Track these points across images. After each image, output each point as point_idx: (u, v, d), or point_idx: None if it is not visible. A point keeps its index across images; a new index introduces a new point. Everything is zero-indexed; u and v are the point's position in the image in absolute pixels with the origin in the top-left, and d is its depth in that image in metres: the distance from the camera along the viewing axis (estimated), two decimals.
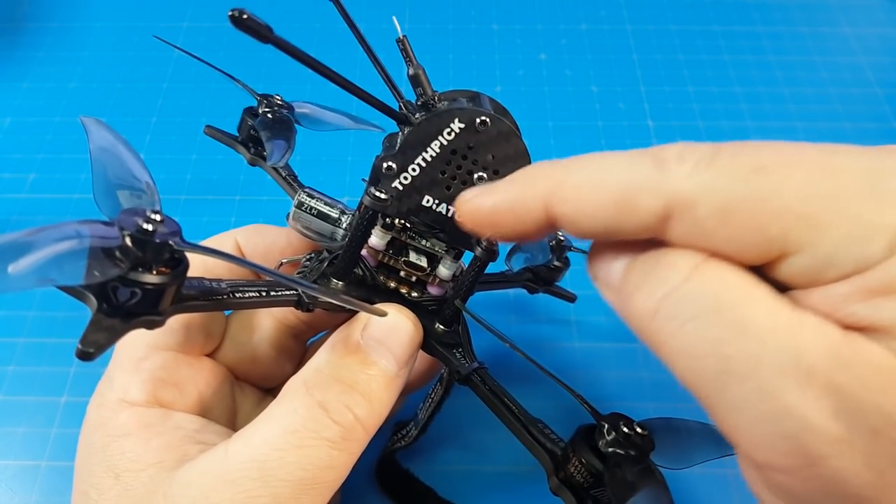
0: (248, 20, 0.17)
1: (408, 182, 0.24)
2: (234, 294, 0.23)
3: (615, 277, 0.22)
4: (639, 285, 0.20)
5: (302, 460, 0.23)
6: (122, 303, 0.19)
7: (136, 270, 0.19)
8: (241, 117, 0.34)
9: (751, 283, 0.18)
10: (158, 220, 0.19)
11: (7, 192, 0.51)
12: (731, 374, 0.18)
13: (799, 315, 0.18)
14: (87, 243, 0.18)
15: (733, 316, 0.18)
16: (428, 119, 0.23)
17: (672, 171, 0.19)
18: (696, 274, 0.19)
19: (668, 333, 0.19)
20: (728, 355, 0.18)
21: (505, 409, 0.28)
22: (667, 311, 0.19)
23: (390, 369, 0.26)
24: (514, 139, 0.24)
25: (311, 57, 0.20)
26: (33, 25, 0.63)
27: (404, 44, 0.24)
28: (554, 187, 0.21)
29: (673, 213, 0.19)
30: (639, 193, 0.19)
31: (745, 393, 0.18)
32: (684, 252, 0.19)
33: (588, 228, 0.20)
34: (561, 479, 0.26)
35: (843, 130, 0.56)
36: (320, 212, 0.29)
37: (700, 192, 0.18)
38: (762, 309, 0.18)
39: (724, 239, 0.19)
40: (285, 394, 0.25)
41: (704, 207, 0.18)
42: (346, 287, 0.28)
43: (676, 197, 0.19)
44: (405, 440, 0.35)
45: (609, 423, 0.26)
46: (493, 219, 0.22)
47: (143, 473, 0.24)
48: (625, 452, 0.25)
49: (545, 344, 0.44)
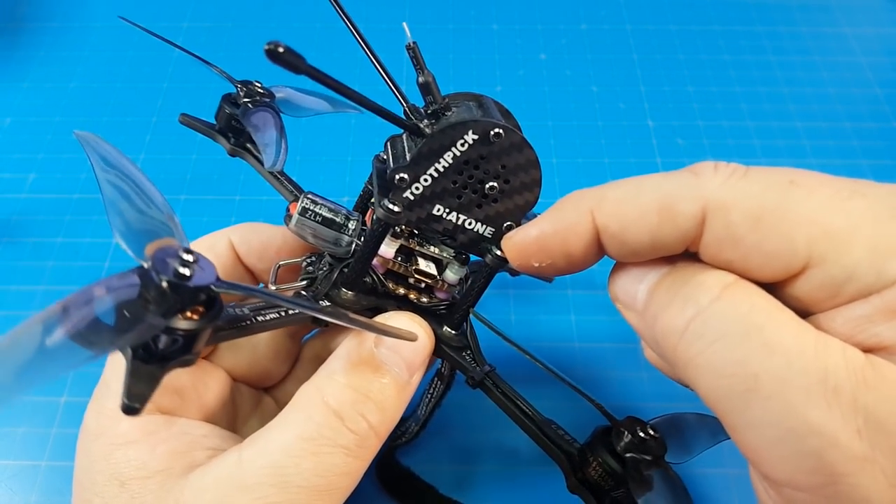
0: (285, 53, 0.17)
1: (419, 192, 0.24)
2: (256, 318, 0.24)
3: (639, 299, 0.22)
4: (666, 305, 0.21)
5: (318, 467, 0.24)
6: (161, 350, 0.19)
7: (174, 316, 0.18)
8: (218, 104, 0.33)
9: (777, 306, 0.19)
10: (192, 260, 0.19)
11: (7, 192, 0.51)
12: (757, 392, 0.18)
13: (824, 338, 0.18)
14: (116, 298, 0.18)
15: (762, 337, 0.18)
16: (442, 131, 0.23)
17: (709, 178, 0.20)
18: (726, 294, 0.19)
19: (695, 351, 0.20)
20: (755, 374, 0.18)
21: (518, 411, 0.28)
22: (695, 330, 0.20)
23: (403, 377, 0.26)
24: (525, 149, 0.24)
25: (343, 84, 0.19)
26: (33, 25, 0.63)
27: (415, 51, 0.24)
28: (596, 203, 0.22)
29: (708, 215, 0.20)
30: (678, 199, 0.20)
31: (769, 410, 0.18)
32: (714, 272, 0.20)
33: (633, 239, 0.21)
34: (579, 479, 0.27)
35: (843, 130, 0.56)
36: (325, 218, 0.29)
37: (734, 197, 0.20)
38: (789, 331, 0.18)
39: (752, 245, 0.19)
40: (299, 400, 0.25)
41: (738, 212, 0.19)
42: (357, 296, 0.28)
43: (713, 200, 0.20)
44: (406, 436, 0.35)
45: (626, 427, 0.27)
46: (540, 244, 0.23)
47: (151, 481, 0.24)
48: (641, 457, 0.26)
49: (545, 344, 0.44)
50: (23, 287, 0.46)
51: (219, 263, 0.31)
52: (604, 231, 0.22)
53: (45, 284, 0.46)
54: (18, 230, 0.49)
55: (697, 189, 0.20)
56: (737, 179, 0.20)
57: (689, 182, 0.20)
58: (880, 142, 0.55)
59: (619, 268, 0.24)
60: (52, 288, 0.46)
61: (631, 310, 0.23)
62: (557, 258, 0.23)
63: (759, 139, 0.55)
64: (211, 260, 0.31)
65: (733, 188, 0.20)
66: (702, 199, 0.20)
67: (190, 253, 0.19)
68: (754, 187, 0.20)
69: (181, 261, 0.19)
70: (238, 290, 0.20)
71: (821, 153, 0.54)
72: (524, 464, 0.39)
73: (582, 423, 0.29)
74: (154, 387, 0.19)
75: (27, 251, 0.48)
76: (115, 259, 0.47)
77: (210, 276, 0.19)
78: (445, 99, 0.25)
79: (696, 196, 0.20)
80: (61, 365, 0.17)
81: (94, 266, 0.47)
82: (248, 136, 0.33)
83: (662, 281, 0.22)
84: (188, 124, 0.34)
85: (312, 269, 0.30)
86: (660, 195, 0.21)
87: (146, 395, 0.18)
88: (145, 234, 0.20)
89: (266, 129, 0.31)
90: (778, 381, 0.18)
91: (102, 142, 0.23)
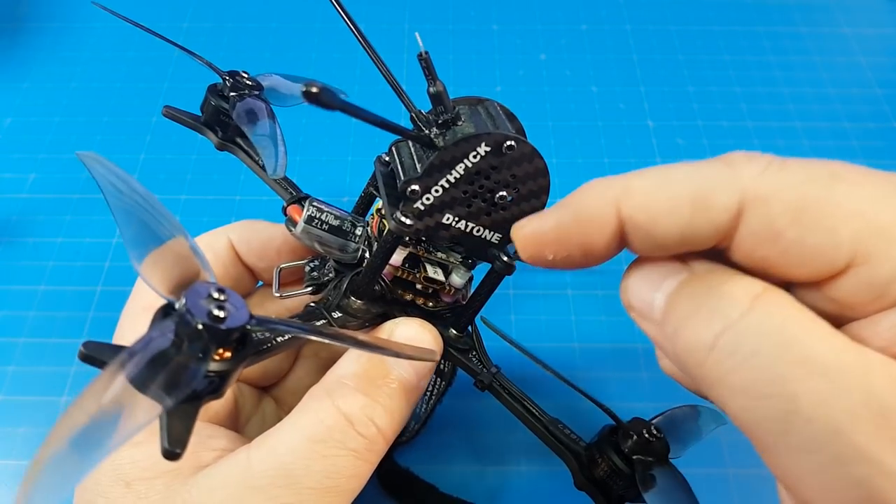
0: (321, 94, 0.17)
1: (430, 202, 0.24)
2: (276, 340, 0.23)
3: (656, 308, 0.20)
4: (688, 317, 0.19)
5: (328, 469, 0.24)
6: (196, 391, 0.19)
7: (209, 358, 0.18)
8: (204, 96, 0.32)
9: (813, 317, 0.18)
10: (225, 299, 0.18)
11: (7, 192, 0.51)
12: (797, 415, 0.16)
13: (866, 353, 0.17)
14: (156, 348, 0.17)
15: (800, 352, 0.17)
16: (455, 144, 0.23)
17: (746, 169, 0.19)
18: (758, 305, 0.18)
19: (726, 370, 0.18)
20: (794, 394, 0.17)
21: (525, 411, 0.29)
22: (725, 346, 0.18)
23: (411, 382, 0.27)
24: (535, 159, 0.24)
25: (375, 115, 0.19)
26: (33, 25, 0.63)
27: (427, 60, 0.24)
28: (621, 192, 0.20)
29: (745, 208, 0.18)
30: (714, 189, 0.19)
31: (811, 435, 0.16)
32: (742, 280, 0.19)
33: (662, 233, 0.19)
34: (587, 478, 0.28)
35: (843, 130, 0.56)
36: (332, 226, 0.29)
37: (775, 188, 0.18)
38: (829, 345, 0.17)
39: (793, 240, 0.18)
40: (309, 403, 0.26)
41: (779, 203, 0.18)
42: (367, 304, 0.28)
43: (751, 191, 0.18)
44: (406, 435, 0.35)
45: (633, 429, 0.28)
46: (558, 236, 0.21)
47: (157, 481, 0.24)
48: (646, 457, 0.27)
49: (545, 344, 0.44)
50: (23, 287, 0.46)
51: (218, 262, 0.31)
52: (630, 223, 0.20)
53: (45, 284, 0.46)
54: (18, 230, 0.49)
55: (734, 180, 0.18)
56: (776, 170, 0.18)
57: (724, 172, 0.19)
58: (880, 142, 0.55)
59: (633, 273, 0.22)
60: (52, 288, 0.46)
61: (648, 320, 0.21)
62: (575, 251, 0.21)
63: (759, 139, 0.55)
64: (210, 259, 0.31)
65: (773, 179, 0.18)
66: (739, 190, 0.18)
67: (222, 291, 0.18)
68: (795, 178, 0.18)
69: (216, 303, 0.18)
70: (273, 327, 0.20)
71: (821, 153, 0.54)
72: (527, 463, 0.39)
73: (580, 421, 0.29)
74: (191, 428, 0.18)
75: (27, 251, 0.48)
76: (116, 259, 0.47)
77: (243, 315, 0.19)
78: (455, 107, 0.25)
79: (733, 187, 0.18)
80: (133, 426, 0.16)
81: (95, 266, 0.47)
82: (236, 130, 0.32)
83: (682, 289, 0.20)
84: (172, 117, 0.33)
85: (317, 274, 0.30)
86: (693, 186, 0.19)
87: (185, 437, 0.18)
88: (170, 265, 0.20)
89: (257, 121, 0.30)
90: (820, 402, 0.16)
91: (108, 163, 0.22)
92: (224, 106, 0.31)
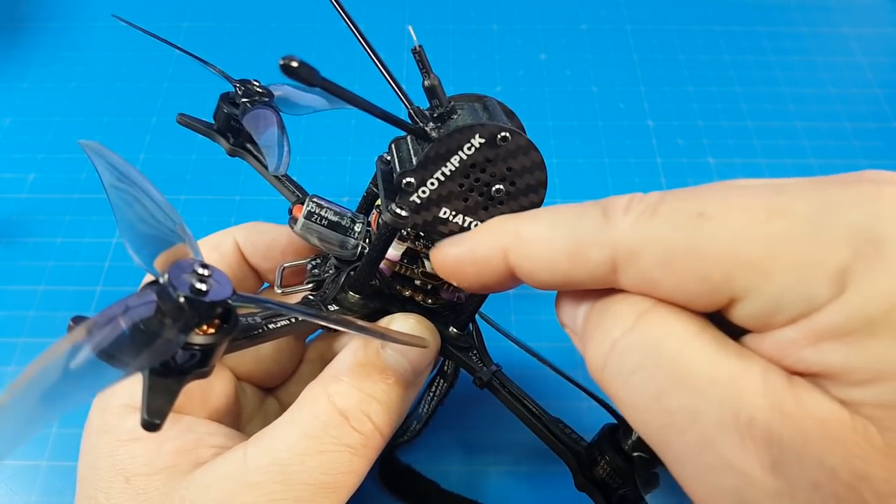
0: (299, 68, 0.17)
1: (426, 195, 0.24)
2: (268, 326, 0.24)
3: (578, 324, 0.22)
4: (590, 336, 0.20)
5: (324, 465, 0.24)
6: (179, 364, 0.19)
7: (191, 332, 0.18)
8: (216, 104, 0.33)
9: (695, 330, 0.18)
10: (208, 274, 0.19)
11: (7, 192, 0.51)
12: (673, 427, 0.17)
13: (744, 364, 0.17)
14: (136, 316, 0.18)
15: (673, 367, 0.17)
16: (449, 135, 0.23)
17: (618, 223, 0.19)
18: (640, 323, 0.19)
19: (616, 386, 0.19)
20: (669, 409, 0.17)
21: (525, 410, 0.29)
22: (613, 363, 0.19)
23: (408, 378, 0.27)
24: (531, 151, 0.24)
25: (356, 95, 0.20)
26: (33, 25, 0.63)
27: (421, 55, 0.24)
28: (510, 241, 0.21)
29: (618, 264, 0.19)
30: (587, 245, 0.19)
31: (686, 446, 0.17)
32: (631, 299, 0.19)
33: (546, 280, 0.21)
34: (587, 478, 0.28)
35: (843, 130, 0.56)
36: (331, 221, 0.29)
37: (643, 242, 0.18)
38: (704, 359, 0.17)
39: (670, 288, 0.18)
40: (305, 400, 0.26)
41: (647, 258, 0.18)
42: (364, 299, 0.28)
43: (621, 248, 0.19)
44: (408, 434, 0.35)
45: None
46: (457, 268, 0.23)
47: (156, 477, 0.24)
48: (648, 455, 0.26)
49: (545, 344, 0.43)
50: (23, 287, 0.46)
51: (224, 263, 0.31)
52: (517, 269, 0.21)
53: (45, 284, 0.46)
54: (18, 230, 0.49)
55: (605, 234, 0.19)
56: (644, 220, 0.18)
57: (598, 226, 0.19)
58: (880, 142, 0.55)
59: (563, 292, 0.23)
60: (52, 288, 0.46)
61: (573, 335, 0.22)
62: (473, 283, 0.23)
63: (759, 139, 0.55)
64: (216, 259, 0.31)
65: (642, 231, 0.18)
66: (609, 244, 0.19)
67: (205, 267, 0.19)
68: (662, 228, 0.18)
69: (198, 276, 0.18)
70: (254, 303, 0.20)
71: (821, 153, 0.54)
72: (529, 463, 0.39)
73: (585, 422, 0.29)
74: (172, 401, 0.19)
75: (27, 251, 0.48)
76: (116, 259, 0.47)
77: (227, 290, 0.19)
78: (451, 102, 0.25)
79: (604, 242, 0.19)
80: (88, 388, 0.16)
81: (94, 266, 0.47)
82: (247, 136, 0.33)
83: (592, 307, 0.21)
84: (186, 124, 0.34)
85: (318, 271, 0.31)
86: (570, 239, 0.20)
87: (165, 410, 0.18)
88: (157, 244, 0.20)
89: (266, 129, 0.31)
90: (691, 416, 0.17)
91: (109, 151, 0.23)
92: (235, 113, 0.32)
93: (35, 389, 0.16)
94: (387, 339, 0.24)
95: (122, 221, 0.20)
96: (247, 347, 0.23)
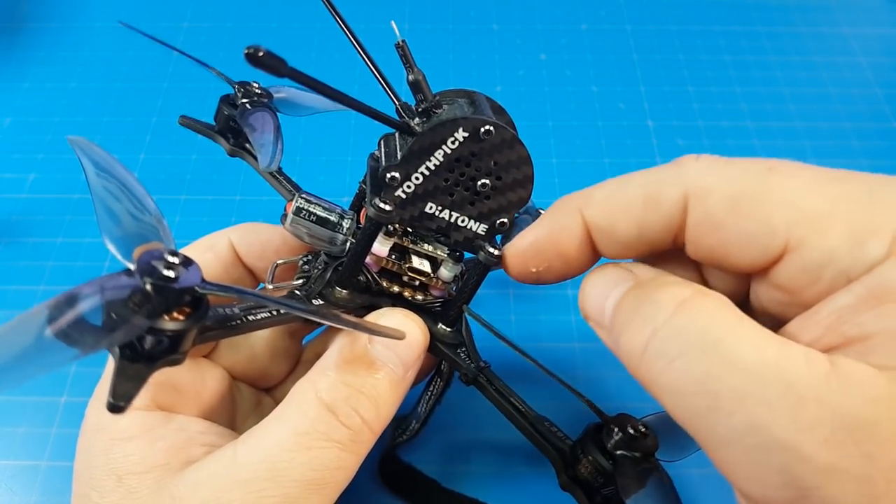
0: (264, 57, 0.17)
1: (411, 190, 0.24)
2: (247, 318, 0.24)
3: (606, 316, 0.22)
4: (627, 323, 0.21)
5: (312, 461, 0.24)
6: (147, 350, 0.19)
7: (159, 317, 0.19)
8: (217, 106, 0.33)
9: (737, 317, 0.19)
10: (177, 262, 0.19)
11: (7, 192, 0.51)
12: (720, 411, 0.18)
13: (787, 347, 0.18)
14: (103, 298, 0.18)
15: (720, 351, 0.18)
16: (432, 129, 0.23)
17: (691, 166, 0.21)
18: (683, 310, 0.19)
19: (657, 372, 0.19)
20: (716, 391, 0.18)
21: (512, 408, 0.28)
22: (655, 349, 0.19)
23: (397, 373, 0.27)
24: (516, 146, 0.24)
25: (325, 85, 0.20)
26: (33, 25, 0.63)
27: (404, 49, 0.24)
28: (584, 201, 0.23)
29: (689, 200, 0.21)
30: (662, 187, 0.21)
31: (734, 428, 0.18)
32: (674, 286, 0.20)
33: (622, 231, 0.22)
34: (570, 477, 0.27)
35: (843, 130, 0.56)
36: (319, 217, 0.29)
37: (714, 181, 0.20)
38: (749, 343, 0.18)
39: (731, 228, 0.20)
40: (294, 396, 0.26)
41: (717, 195, 0.20)
42: (351, 294, 0.28)
43: (693, 185, 0.20)
44: (407, 434, 0.35)
45: (616, 424, 0.26)
46: (536, 249, 0.24)
47: (148, 476, 0.24)
48: (631, 454, 0.26)
49: (545, 344, 0.44)
50: (23, 287, 0.46)
51: (219, 263, 0.31)
52: (594, 227, 0.23)
53: (45, 284, 0.46)
54: (18, 230, 0.49)
55: (679, 176, 0.21)
56: (719, 167, 0.20)
57: (672, 171, 0.21)
58: (880, 142, 0.55)
59: (588, 283, 0.24)
60: (51, 288, 0.46)
61: (601, 327, 0.23)
62: (554, 261, 0.24)
63: (759, 139, 0.55)
64: (211, 260, 0.31)
65: (713, 174, 0.20)
66: (683, 184, 0.21)
67: (175, 255, 0.19)
68: (733, 172, 0.20)
69: (166, 263, 0.19)
70: (223, 292, 0.21)
71: (821, 153, 0.54)
72: (519, 462, 0.39)
73: (578, 421, 0.29)
74: (140, 386, 0.19)
75: (27, 251, 0.48)
76: (115, 259, 0.47)
77: (195, 277, 0.19)
78: (436, 97, 0.25)
79: (678, 182, 0.21)
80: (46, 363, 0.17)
81: (94, 266, 0.47)
82: (246, 137, 0.33)
83: (625, 297, 0.21)
84: (188, 125, 0.34)
85: (308, 267, 0.31)
86: (645, 187, 0.22)
87: (132, 393, 0.19)
88: (135, 237, 0.20)
89: (262, 129, 0.31)
90: (739, 397, 0.17)
91: (95, 147, 0.23)
92: (234, 114, 0.32)
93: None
94: (364, 330, 0.24)
95: (102, 214, 0.21)
96: (225, 337, 0.23)
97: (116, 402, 0.18)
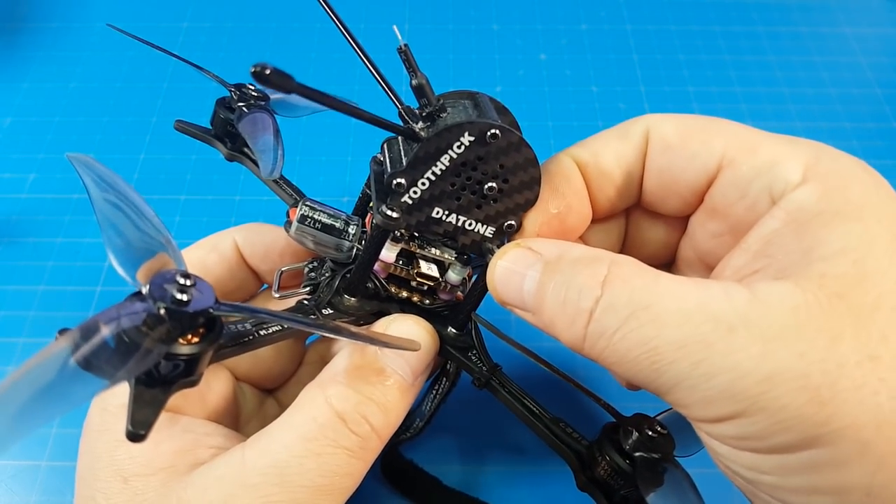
0: (272, 75, 0.16)
1: (417, 196, 0.24)
2: (259, 332, 0.24)
3: (527, 302, 0.23)
4: (559, 313, 0.22)
5: (321, 467, 0.24)
6: (163, 374, 0.19)
7: (174, 342, 0.18)
8: (213, 110, 0.32)
9: (654, 276, 0.21)
10: (189, 284, 0.19)
11: (7, 192, 0.51)
12: (663, 361, 0.20)
13: (706, 288, 0.20)
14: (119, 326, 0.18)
15: (650, 314, 0.20)
16: (438, 135, 0.23)
17: (652, 115, 0.26)
18: (606, 289, 0.21)
19: (600, 349, 0.21)
20: (655, 348, 0.20)
21: (526, 410, 0.28)
22: (593, 332, 0.21)
23: (406, 380, 0.27)
24: (523, 148, 0.24)
25: (334, 98, 0.19)
26: (33, 25, 0.63)
27: (406, 53, 0.24)
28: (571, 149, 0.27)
29: (650, 132, 0.26)
30: (630, 125, 0.26)
31: (680, 370, 0.19)
32: (588, 267, 0.22)
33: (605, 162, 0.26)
34: (588, 478, 0.27)
35: (843, 130, 0.56)
36: (325, 224, 0.29)
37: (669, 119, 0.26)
38: (672, 297, 0.20)
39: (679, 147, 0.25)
40: (303, 401, 0.26)
41: (670, 125, 0.25)
42: (360, 301, 0.28)
43: (653, 121, 0.26)
44: (410, 432, 0.35)
45: (634, 425, 0.27)
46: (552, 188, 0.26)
47: (154, 478, 0.24)
48: (649, 455, 0.26)
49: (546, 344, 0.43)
50: (23, 287, 0.46)
51: (223, 264, 0.31)
52: (582, 163, 0.26)
53: (45, 284, 0.46)
54: (18, 230, 0.49)
55: (643, 119, 0.26)
56: (673, 115, 0.26)
57: (638, 118, 0.26)
58: (880, 142, 0.55)
59: (494, 270, 0.24)
60: (52, 288, 0.46)
61: (524, 311, 0.24)
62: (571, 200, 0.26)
63: None
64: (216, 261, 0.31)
65: (669, 117, 0.26)
66: (646, 122, 0.26)
67: (187, 277, 0.19)
68: (685, 117, 0.25)
69: (178, 286, 0.18)
70: (236, 312, 0.20)
71: None
72: (531, 462, 0.39)
73: (590, 421, 0.29)
74: (158, 411, 0.18)
75: (27, 251, 0.48)
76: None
77: (208, 299, 0.19)
78: (440, 100, 0.24)
79: (642, 122, 0.26)
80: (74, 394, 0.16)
81: (94, 266, 0.47)
82: (244, 141, 0.33)
83: (544, 281, 0.23)
84: (184, 130, 0.34)
85: (315, 274, 0.30)
86: (617, 129, 0.27)
87: (151, 420, 0.18)
88: (142, 252, 0.20)
89: (261, 133, 0.30)
90: (678, 346, 0.19)
91: (96, 163, 0.23)
92: (231, 118, 0.32)
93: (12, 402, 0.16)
94: (380, 344, 0.24)
95: (107, 232, 0.20)
96: (239, 354, 0.23)
97: (136, 431, 0.18)
